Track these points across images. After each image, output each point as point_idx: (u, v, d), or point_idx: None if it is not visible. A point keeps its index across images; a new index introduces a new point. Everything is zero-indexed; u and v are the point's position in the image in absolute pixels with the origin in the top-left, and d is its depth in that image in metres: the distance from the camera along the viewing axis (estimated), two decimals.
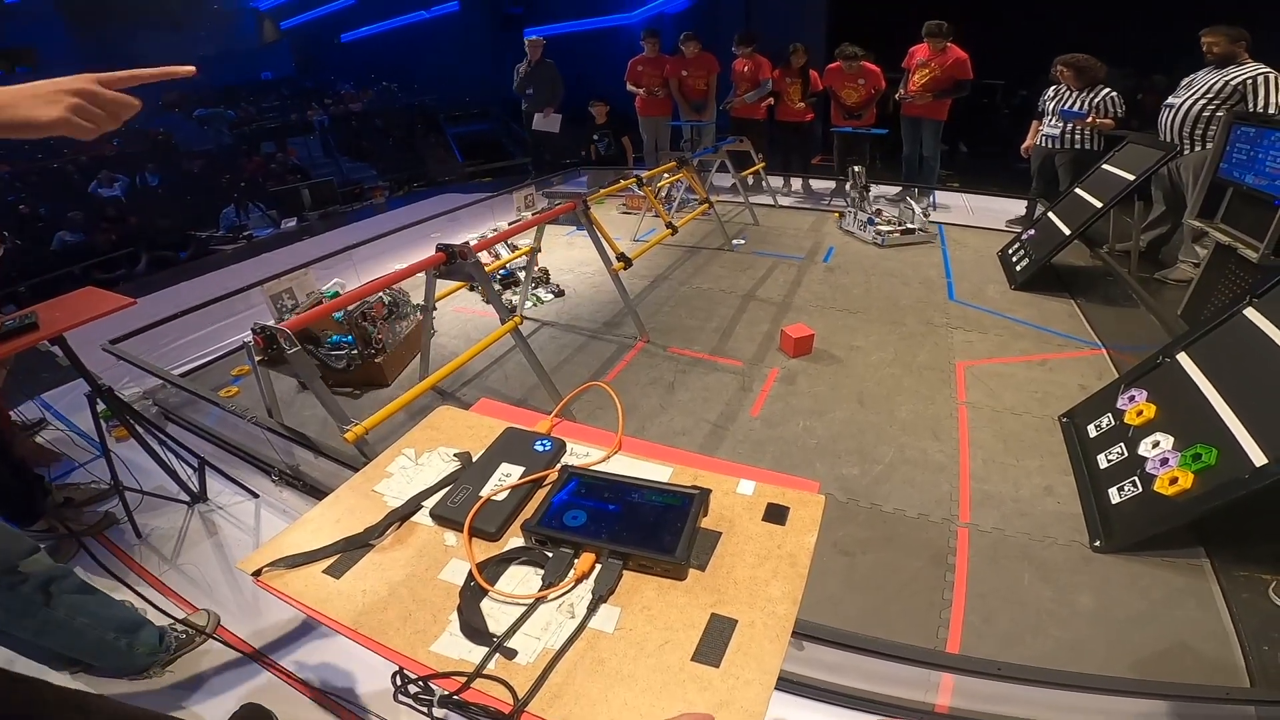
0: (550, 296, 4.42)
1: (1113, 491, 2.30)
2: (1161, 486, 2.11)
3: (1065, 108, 4.96)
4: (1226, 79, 3.82)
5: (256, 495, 2.57)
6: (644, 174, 4.53)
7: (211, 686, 1.46)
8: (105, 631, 1.69)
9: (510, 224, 3.33)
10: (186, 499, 2.52)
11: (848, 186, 5.90)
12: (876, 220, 5.49)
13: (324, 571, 0.84)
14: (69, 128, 0.80)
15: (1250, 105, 3.73)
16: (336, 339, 3.31)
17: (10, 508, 2.32)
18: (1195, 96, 3.98)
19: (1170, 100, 4.20)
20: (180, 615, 1.98)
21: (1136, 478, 2.24)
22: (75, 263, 6.93)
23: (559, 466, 0.98)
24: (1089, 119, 4.84)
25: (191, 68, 0.92)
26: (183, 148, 11.11)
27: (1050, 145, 5.22)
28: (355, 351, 3.27)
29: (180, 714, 1.74)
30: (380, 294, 3.39)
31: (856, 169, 5.76)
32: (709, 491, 0.89)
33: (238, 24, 14.34)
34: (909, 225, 5.42)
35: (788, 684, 1.76)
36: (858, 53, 6.24)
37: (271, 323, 2.02)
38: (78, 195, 8.49)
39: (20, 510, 2.34)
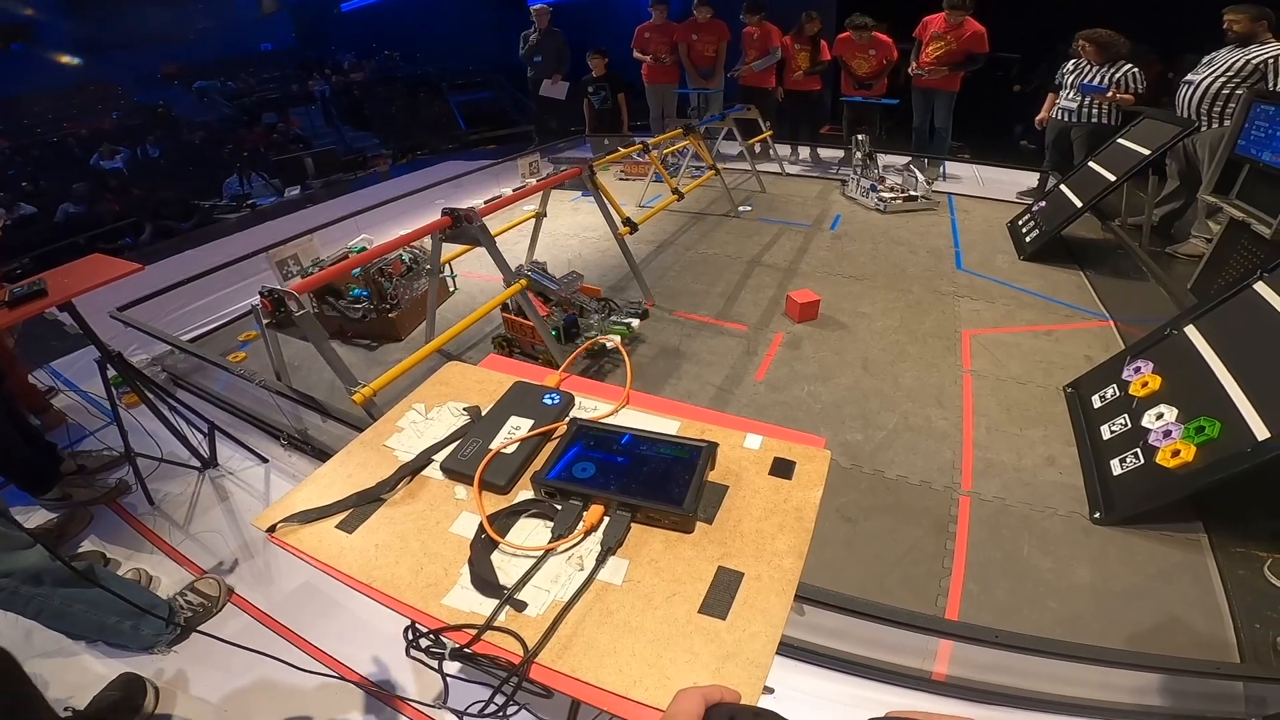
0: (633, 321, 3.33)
1: (1114, 463, 2.31)
2: (1163, 458, 2.11)
3: (1086, 82, 4.87)
4: (1248, 58, 3.78)
5: (266, 460, 2.60)
6: (650, 140, 4.48)
7: (226, 654, 1.49)
8: (106, 617, 1.72)
9: (515, 190, 3.30)
10: (197, 465, 2.55)
11: (854, 152, 5.84)
12: (879, 187, 5.48)
13: (336, 527, 0.85)
14: None
15: (1270, 84, 3.68)
16: (357, 292, 3.42)
17: (24, 476, 2.35)
18: (1215, 74, 3.93)
19: (1190, 77, 4.14)
20: (192, 583, 2.01)
21: (1139, 449, 2.24)
22: (79, 234, 6.92)
23: (568, 419, 0.99)
24: (1109, 94, 4.76)
25: None
26: (183, 119, 11.00)
27: (1066, 119, 5.15)
28: (370, 305, 3.39)
29: (194, 681, 1.79)
30: (400, 252, 3.50)
31: (861, 136, 5.72)
32: (716, 445, 0.90)
33: None
34: (912, 192, 5.40)
35: (787, 647, 1.78)
36: (868, 23, 6.11)
37: (279, 286, 2.02)
38: (80, 168, 8.45)
39: (34, 479, 2.37)
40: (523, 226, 4.13)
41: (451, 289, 4.03)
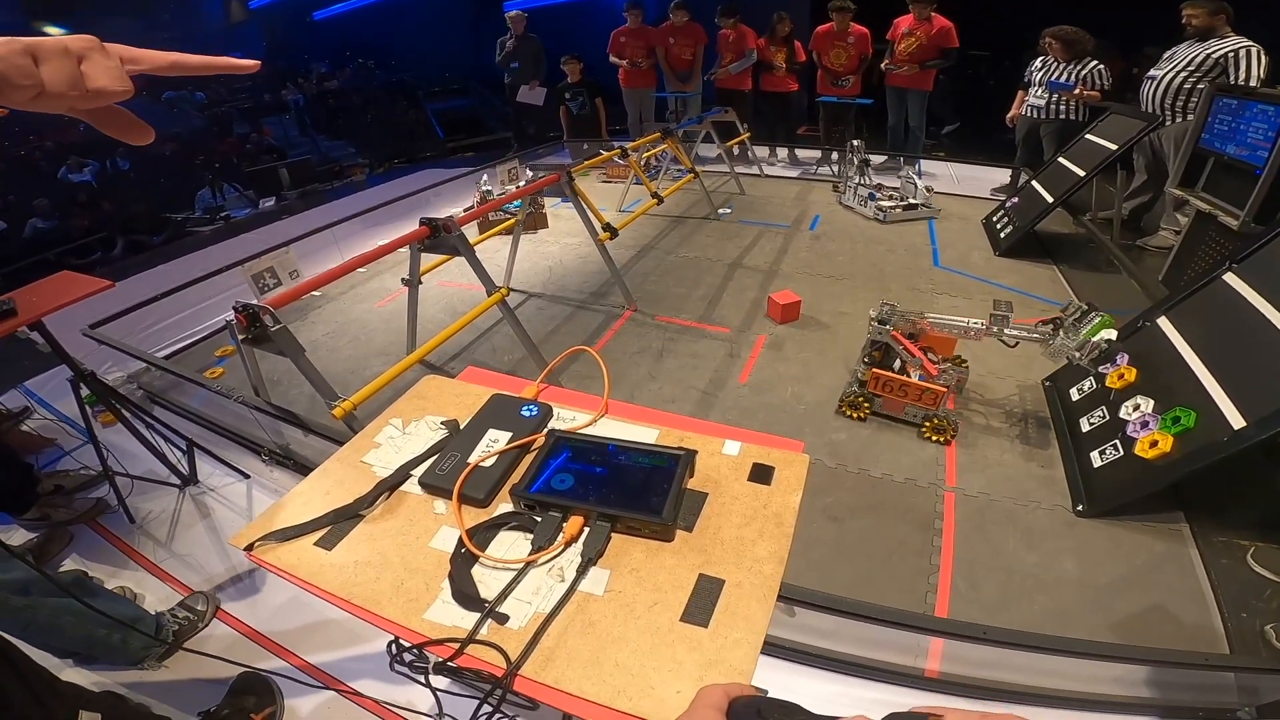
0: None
1: (1094, 455, 2.34)
2: (1142, 449, 2.14)
3: (1053, 79, 4.95)
4: (1208, 52, 3.84)
5: (247, 476, 2.56)
6: (629, 145, 4.49)
7: (213, 669, 1.47)
8: (94, 629, 1.68)
9: (497, 195, 3.29)
10: (177, 482, 2.51)
11: (848, 158, 5.78)
12: (878, 195, 5.31)
13: (315, 544, 0.84)
14: None
15: (1231, 78, 3.75)
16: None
17: (1, 496, 2.31)
18: (1176, 69, 4.00)
19: (1153, 72, 4.22)
20: (179, 600, 1.98)
21: (1118, 441, 2.28)
22: (48, 249, 6.79)
23: (546, 431, 0.98)
24: (1075, 91, 4.85)
25: (255, 63, 0.63)
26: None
27: (1035, 115, 5.23)
28: None
29: (181, 697, 1.75)
30: None
31: (855, 142, 5.56)
32: (695, 452, 0.90)
33: (205, 5, 13.91)
34: (911, 200, 5.26)
35: (779, 649, 1.78)
36: (849, 5, 6.12)
37: (254, 300, 1.99)
38: (47, 181, 8.30)
39: (11, 500, 2.33)
40: (504, 232, 4.12)
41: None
